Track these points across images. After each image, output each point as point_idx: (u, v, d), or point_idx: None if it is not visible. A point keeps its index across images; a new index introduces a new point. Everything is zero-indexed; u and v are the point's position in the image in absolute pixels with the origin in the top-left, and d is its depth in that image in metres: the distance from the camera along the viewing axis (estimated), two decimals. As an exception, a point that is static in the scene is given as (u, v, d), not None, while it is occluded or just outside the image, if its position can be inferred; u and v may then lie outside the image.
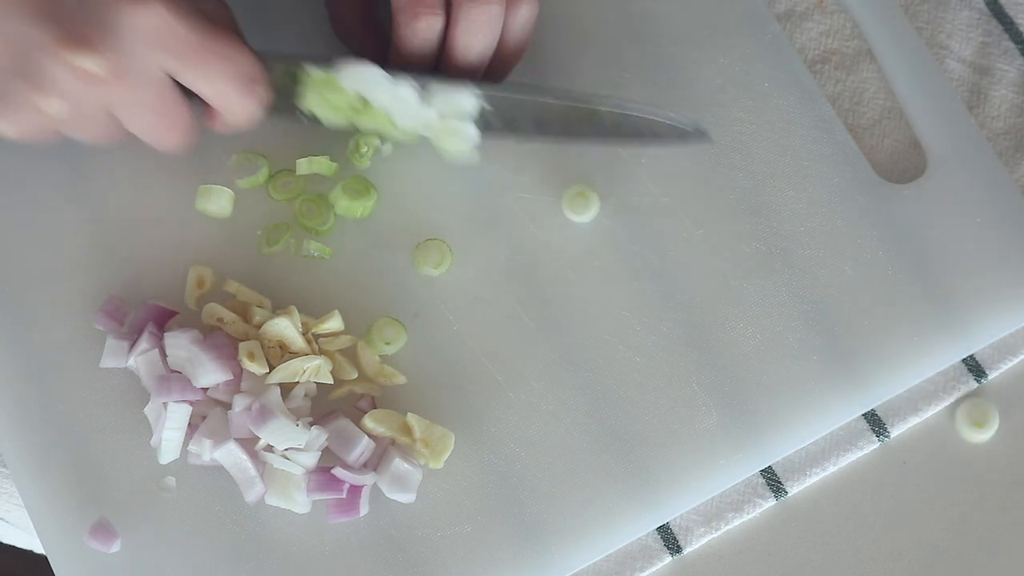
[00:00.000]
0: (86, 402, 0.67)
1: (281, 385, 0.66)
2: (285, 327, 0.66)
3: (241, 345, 0.65)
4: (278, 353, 0.66)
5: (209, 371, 0.65)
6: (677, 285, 0.68)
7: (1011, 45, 0.73)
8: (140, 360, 0.66)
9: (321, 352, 0.67)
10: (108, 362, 0.66)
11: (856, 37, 0.74)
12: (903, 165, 0.71)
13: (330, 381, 0.66)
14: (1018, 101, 0.73)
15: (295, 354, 0.66)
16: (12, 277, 0.69)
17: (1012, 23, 0.74)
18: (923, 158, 0.71)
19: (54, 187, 0.70)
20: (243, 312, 0.67)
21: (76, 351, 0.68)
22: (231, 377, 0.65)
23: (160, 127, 0.62)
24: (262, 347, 0.66)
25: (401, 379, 0.67)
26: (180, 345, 0.65)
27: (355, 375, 0.67)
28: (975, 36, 0.74)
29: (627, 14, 0.72)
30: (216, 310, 0.67)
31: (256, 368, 0.65)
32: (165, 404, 0.65)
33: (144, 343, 0.66)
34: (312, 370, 0.65)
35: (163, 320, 0.67)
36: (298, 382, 0.66)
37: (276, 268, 0.69)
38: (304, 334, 0.66)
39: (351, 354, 0.68)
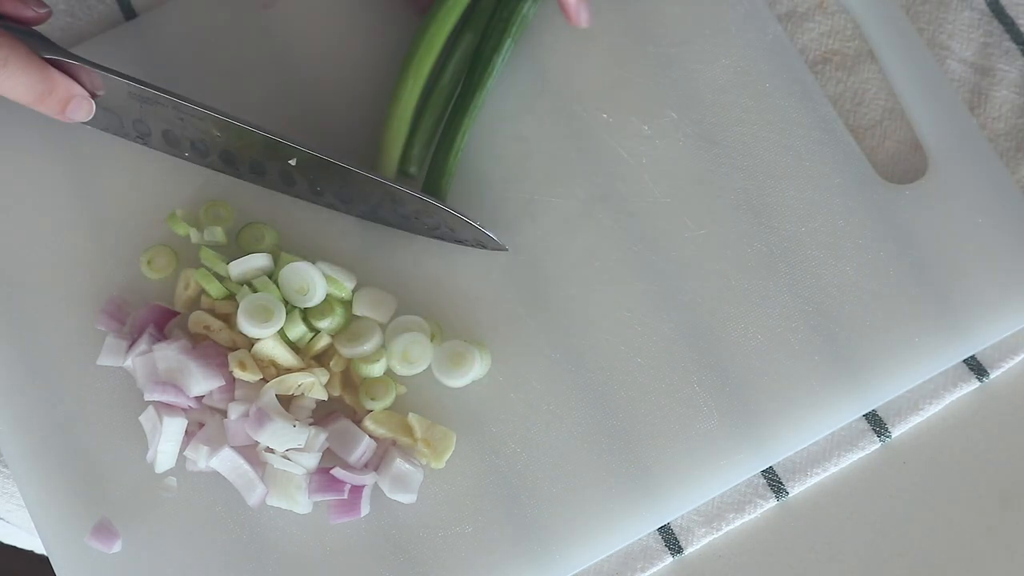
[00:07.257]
0: (88, 402, 0.67)
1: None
2: (273, 347, 0.65)
3: (231, 356, 0.65)
4: (273, 372, 0.66)
5: (199, 380, 0.64)
6: (678, 285, 0.68)
7: (1012, 46, 0.73)
8: (137, 362, 0.65)
9: (316, 365, 0.66)
10: (106, 360, 0.66)
11: (857, 38, 0.74)
12: (904, 166, 0.71)
13: (324, 397, 0.66)
14: (1019, 102, 0.73)
15: (288, 370, 0.66)
16: (12, 277, 0.69)
17: (1013, 24, 0.74)
18: (924, 159, 0.71)
19: (54, 187, 0.70)
20: (229, 319, 0.67)
21: (77, 351, 0.68)
22: (223, 383, 0.65)
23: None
24: (257, 366, 0.65)
25: (402, 389, 0.67)
26: (169, 357, 0.65)
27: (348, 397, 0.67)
28: (976, 37, 0.74)
29: (628, 14, 0.72)
30: (203, 318, 0.66)
31: (248, 376, 0.65)
32: (160, 417, 0.64)
33: (143, 344, 0.66)
34: (307, 386, 0.65)
35: (164, 321, 0.67)
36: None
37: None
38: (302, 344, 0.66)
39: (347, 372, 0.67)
